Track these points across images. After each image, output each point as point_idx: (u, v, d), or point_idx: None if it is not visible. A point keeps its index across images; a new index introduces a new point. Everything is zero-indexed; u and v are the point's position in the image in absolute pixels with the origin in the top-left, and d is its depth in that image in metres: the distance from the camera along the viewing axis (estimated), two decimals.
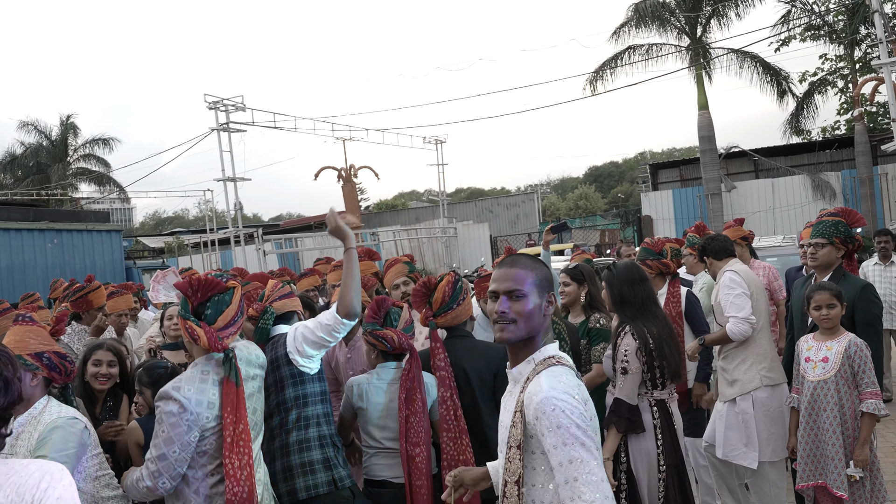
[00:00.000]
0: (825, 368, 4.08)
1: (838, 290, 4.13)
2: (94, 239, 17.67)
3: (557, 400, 2.00)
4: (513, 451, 2.08)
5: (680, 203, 26.03)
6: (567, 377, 2.09)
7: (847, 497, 3.96)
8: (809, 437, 4.14)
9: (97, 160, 36.03)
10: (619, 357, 3.69)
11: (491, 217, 36.08)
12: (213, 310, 3.05)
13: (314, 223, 35.19)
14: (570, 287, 4.76)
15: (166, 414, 2.90)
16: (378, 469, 3.57)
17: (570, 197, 63.58)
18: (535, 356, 2.20)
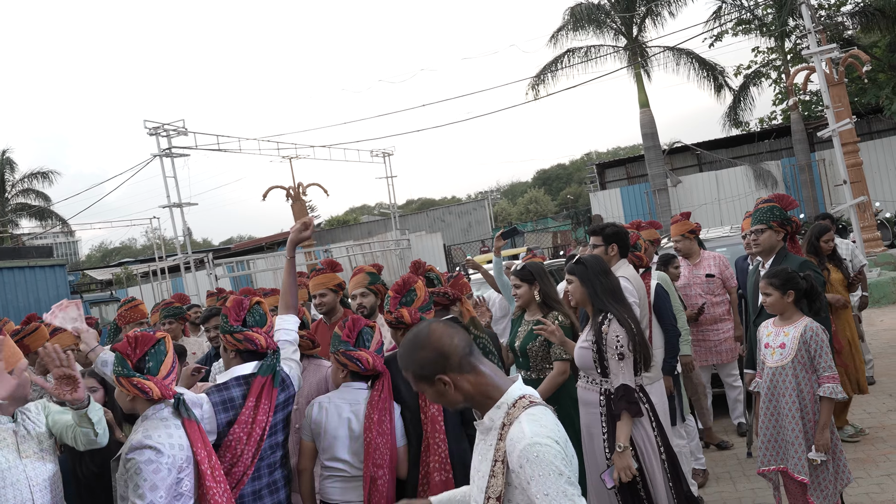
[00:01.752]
0: (783, 354, 4.13)
1: (778, 279, 4.18)
2: (36, 275, 17.18)
3: (541, 446, 1.95)
4: (491, 501, 2.03)
5: (628, 200, 26.44)
6: (546, 418, 2.05)
7: (808, 481, 4.00)
8: (770, 421, 4.19)
9: (37, 194, 35.10)
10: (612, 344, 3.67)
11: (443, 226, 36.13)
12: (154, 361, 3.09)
13: (265, 244, 34.79)
14: (522, 288, 4.75)
15: (144, 463, 2.87)
16: (332, 492, 3.48)
17: (521, 201, 64.06)
18: (503, 399, 2.12)
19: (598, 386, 3.81)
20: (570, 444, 2.07)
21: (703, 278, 6.51)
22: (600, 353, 3.73)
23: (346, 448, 3.47)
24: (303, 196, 21.88)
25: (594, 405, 3.84)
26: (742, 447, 6.28)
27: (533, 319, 4.63)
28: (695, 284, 6.51)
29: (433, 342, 2.13)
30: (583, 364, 3.88)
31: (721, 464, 6.06)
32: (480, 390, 2.13)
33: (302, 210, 21.92)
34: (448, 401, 2.15)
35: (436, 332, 2.15)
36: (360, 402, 3.54)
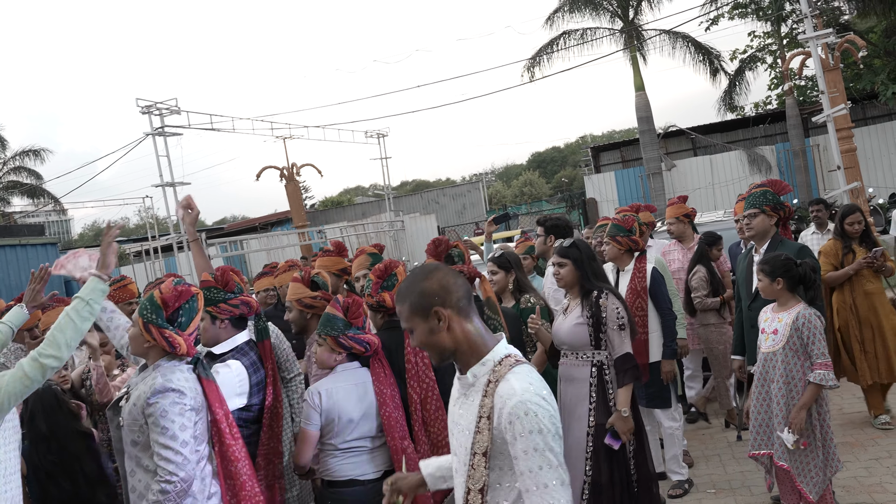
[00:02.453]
0: (775, 340, 4.16)
1: (769, 265, 4.21)
2: (28, 253, 17.14)
3: (532, 404, 1.95)
4: (477, 457, 2.03)
5: (623, 184, 26.42)
6: (534, 376, 2.05)
7: (789, 468, 4.04)
8: (761, 406, 4.24)
9: (28, 172, 34.86)
10: (612, 317, 3.90)
11: (438, 208, 36.07)
12: (186, 317, 3.15)
13: (259, 224, 34.73)
14: (498, 275, 4.80)
15: (170, 405, 2.96)
16: (344, 469, 3.49)
17: (515, 184, 64.07)
18: (489, 357, 2.11)
19: (590, 360, 3.97)
20: (555, 401, 2.08)
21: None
22: (596, 327, 3.91)
23: (363, 427, 3.51)
24: (296, 176, 21.79)
25: (583, 379, 3.97)
26: (732, 431, 6.34)
27: (507, 306, 4.68)
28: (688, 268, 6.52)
29: (438, 276, 2.12)
30: (576, 340, 4.00)
31: (711, 446, 6.12)
32: (470, 339, 2.11)
33: (296, 191, 21.85)
34: (436, 343, 2.11)
35: (442, 269, 2.15)
36: (366, 381, 3.59)
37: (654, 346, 5.13)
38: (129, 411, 3.04)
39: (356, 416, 3.50)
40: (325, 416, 3.47)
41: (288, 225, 28.98)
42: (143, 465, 3.05)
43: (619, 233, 5.24)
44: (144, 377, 3.11)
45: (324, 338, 3.59)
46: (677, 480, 5.24)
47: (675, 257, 6.63)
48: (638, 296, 5.06)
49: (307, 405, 3.50)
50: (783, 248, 4.75)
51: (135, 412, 3.00)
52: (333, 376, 3.58)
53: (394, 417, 3.53)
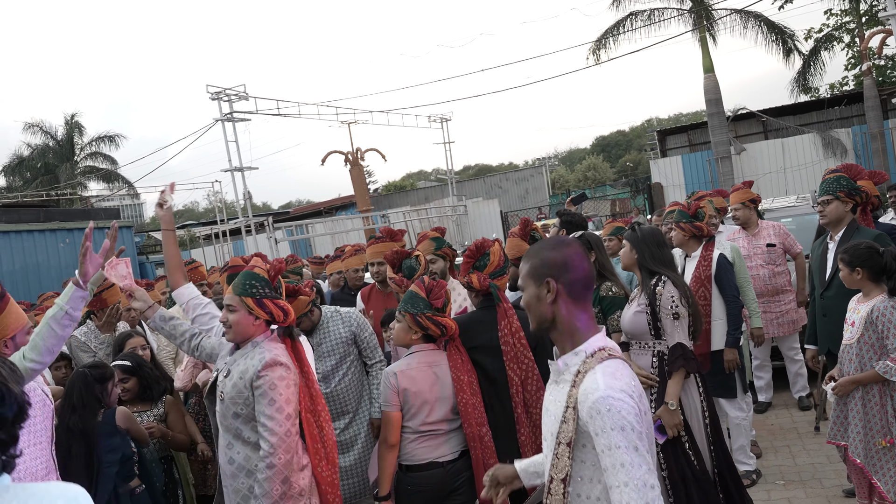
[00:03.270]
0: (852, 332, 4.04)
1: (848, 254, 4.04)
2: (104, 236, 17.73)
3: (615, 400, 1.92)
4: (562, 447, 2.02)
5: (690, 168, 25.83)
6: (623, 372, 2.02)
7: (863, 465, 3.91)
8: (840, 398, 4.09)
9: (104, 157, 36.11)
10: (666, 305, 3.77)
11: (500, 193, 35.96)
12: (280, 289, 3.40)
13: (324, 209, 35.21)
14: None
15: (278, 378, 3.14)
16: (422, 452, 3.51)
17: (579, 168, 63.30)
18: (583, 347, 2.09)
19: (651, 349, 3.89)
20: (645, 400, 2.05)
21: (763, 248, 6.36)
22: (654, 315, 3.81)
23: (438, 410, 3.54)
24: (360, 161, 22.01)
25: (644, 368, 3.90)
26: (803, 421, 6.19)
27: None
28: (755, 255, 6.37)
29: (566, 252, 2.13)
30: (636, 329, 3.93)
31: (780, 437, 5.99)
32: (571, 322, 2.11)
33: (360, 175, 22.08)
34: (539, 310, 2.14)
35: (573, 247, 2.15)
36: (441, 362, 3.62)
37: (717, 335, 5.03)
38: (233, 385, 3.19)
39: (431, 397, 3.51)
40: (402, 398, 3.50)
41: (352, 209, 29.31)
42: (243, 437, 3.20)
43: (683, 219, 5.19)
44: (245, 354, 3.26)
45: (403, 314, 3.62)
46: (745, 471, 5.14)
47: (740, 245, 6.46)
48: (702, 284, 4.98)
49: (385, 387, 3.53)
50: (859, 235, 4.60)
51: (240, 385, 3.16)
52: (407, 358, 3.62)
53: (471, 404, 3.54)
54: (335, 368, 4.34)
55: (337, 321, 4.41)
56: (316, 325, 4.37)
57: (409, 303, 3.60)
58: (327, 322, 4.39)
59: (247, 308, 3.21)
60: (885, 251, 3.99)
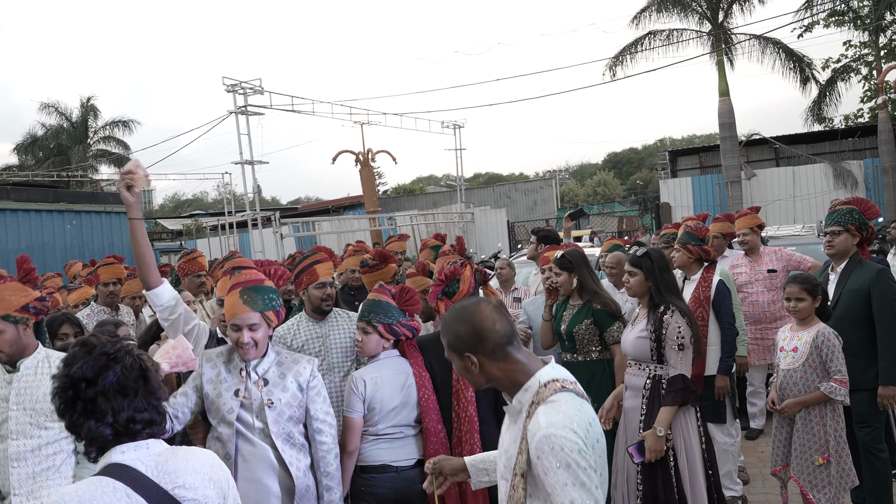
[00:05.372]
0: (794, 357, 4.26)
1: (811, 284, 4.25)
2: (112, 220, 17.80)
3: (556, 437, 1.95)
4: (517, 478, 2.05)
5: (699, 190, 25.83)
6: (566, 406, 2.03)
7: (799, 481, 4.17)
8: (780, 423, 4.37)
9: (117, 142, 36.28)
10: (672, 335, 3.82)
11: (509, 203, 35.96)
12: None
13: (332, 207, 35.27)
14: (562, 277, 4.75)
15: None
16: (377, 454, 3.58)
17: (589, 183, 63.29)
18: (530, 384, 2.13)
19: (648, 371, 3.95)
20: (596, 428, 2.06)
21: (764, 274, 6.36)
22: (658, 341, 3.85)
23: (402, 415, 3.61)
24: (371, 162, 22.04)
25: (639, 389, 3.96)
26: None
27: (577, 304, 4.66)
28: (756, 281, 6.37)
29: (475, 322, 2.15)
30: (638, 353, 3.98)
31: (770, 465, 5.97)
32: (510, 377, 2.15)
33: (370, 176, 22.11)
34: (472, 378, 2.20)
35: (481, 313, 2.16)
36: (407, 370, 3.68)
37: (710, 360, 5.06)
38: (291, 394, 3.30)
39: (397, 403, 3.58)
40: (368, 405, 3.55)
41: (360, 209, 29.38)
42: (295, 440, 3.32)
43: (691, 241, 5.17)
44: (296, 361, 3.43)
45: (374, 325, 3.65)
46: (731, 496, 5.15)
47: (742, 270, 6.47)
48: (700, 305, 4.99)
49: (350, 393, 3.58)
50: (861, 268, 4.64)
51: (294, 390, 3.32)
52: (377, 364, 3.67)
53: (431, 399, 3.65)
54: (339, 363, 4.35)
55: (344, 318, 4.47)
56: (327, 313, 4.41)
57: (382, 313, 3.66)
58: (337, 316, 4.45)
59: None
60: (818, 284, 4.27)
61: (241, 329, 3.20)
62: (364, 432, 3.58)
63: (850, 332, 4.40)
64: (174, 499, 1.92)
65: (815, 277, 4.32)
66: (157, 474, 1.93)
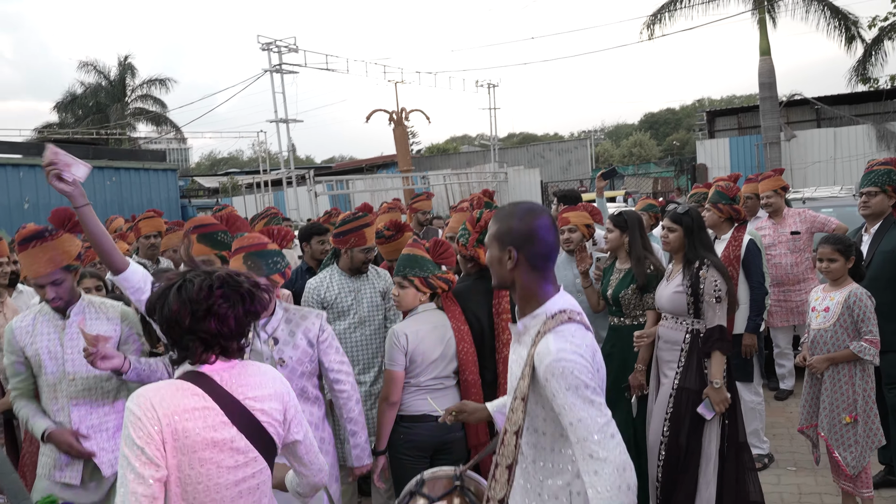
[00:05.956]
0: (825, 317, 4.27)
1: (844, 244, 4.23)
2: (150, 177, 18.10)
3: (566, 362, 2.02)
4: (517, 402, 2.11)
5: (737, 152, 25.41)
6: (575, 335, 2.10)
7: (827, 438, 4.22)
8: (809, 382, 4.40)
9: (154, 100, 36.63)
10: (710, 289, 3.91)
11: (542, 163, 35.73)
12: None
13: (365, 166, 35.35)
14: (613, 234, 4.71)
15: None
16: (418, 405, 3.66)
17: (625, 144, 62.48)
18: (541, 310, 2.19)
19: (686, 326, 4.04)
20: (598, 357, 2.15)
21: (788, 236, 6.31)
22: (696, 296, 3.95)
23: (441, 367, 3.69)
24: (405, 121, 22.03)
25: (677, 342, 4.05)
26: None
27: (624, 268, 4.65)
28: (780, 243, 6.32)
29: (534, 225, 2.19)
30: (675, 307, 4.07)
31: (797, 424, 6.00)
32: (529, 288, 2.22)
33: (403, 135, 22.11)
34: (500, 273, 2.25)
35: (543, 220, 2.21)
36: (445, 323, 3.75)
37: (739, 319, 5.08)
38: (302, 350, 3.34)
39: (437, 356, 3.66)
40: (410, 357, 3.62)
41: (393, 168, 29.41)
42: (309, 395, 3.39)
43: (722, 200, 5.16)
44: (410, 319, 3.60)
45: (410, 279, 3.70)
46: (757, 454, 5.19)
47: (766, 232, 6.40)
48: (730, 264, 5.00)
49: (391, 346, 3.65)
50: (895, 230, 4.60)
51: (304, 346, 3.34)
52: (417, 317, 3.72)
53: (469, 352, 3.73)
54: (370, 317, 4.45)
55: (374, 273, 4.56)
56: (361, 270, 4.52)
57: (417, 267, 3.70)
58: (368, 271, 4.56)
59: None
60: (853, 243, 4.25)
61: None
62: (405, 384, 3.66)
63: (883, 293, 4.39)
64: (245, 408, 2.10)
65: (848, 238, 4.30)
66: (231, 385, 2.11)
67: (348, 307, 4.38)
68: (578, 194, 6.61)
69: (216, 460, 2.05)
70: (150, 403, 1.98)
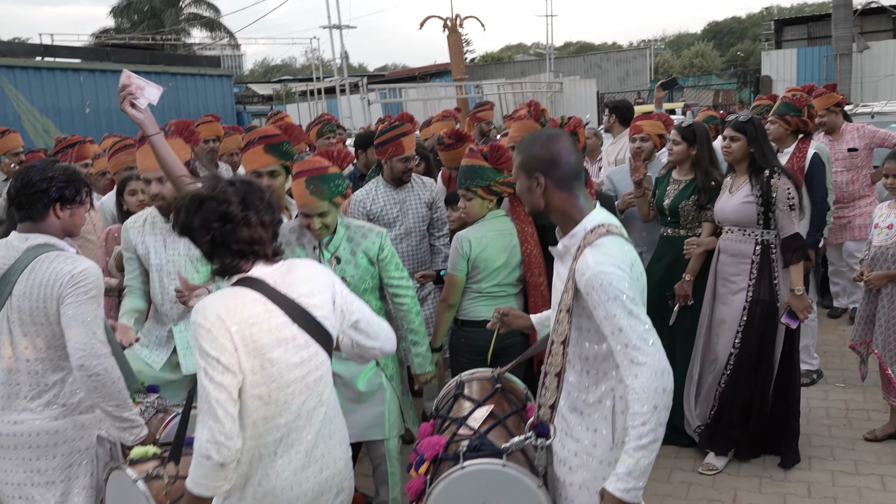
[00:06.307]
0: (888, 235, 4.23)
1: None
2: (206, 83, 18.19)
3: (605, 274, 2.11)
4: (562, 314, 2.22)
5: (804, 63, 24.38)
6: (612, 247, 2.18)
7: (880, 355, 4.24)
8: (866, 298, 4.40)
9: (207, 5, 36.50)
10: (783, 197, 3.91)
11: (599, 73, 34.79)
12: None
13: (418, 74, 34.92)
14: (680, 146, 4.54)
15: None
16: (479, 311, 3.71)
17: (686, 54, 60.33)
18: (578, 229, 2.27)
19: (755, 237, 4.03)
20: (638, 267, 2.24)
21: (845, 153, 6.10)
22: (766, 206, 3.94)
23: (503, 272, 3.72)
24: (459, 28, 21.54)
25: (745, 255, 4.06)
26: None
27: (684, 179, 4.53)
28: (836, 160, 6.08)
29: (554, 148, 2.28)
30: (743, 218, 4.04)
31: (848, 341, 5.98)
32: (566, 210, 2.30)
33: (457, 43, 21.65)
34: (531, 200, 2.33)
35: (561, 142, 2.31)
36: (511, 229, 3.76)
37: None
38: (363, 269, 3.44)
39: (501, 263, 3.69)
40: (472, 263, 3.66)
41: (446, 77, 28.98)
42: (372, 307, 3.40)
43: (790, 112, 5.01)
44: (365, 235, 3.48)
45: (473, 190, 3.70)
46: (806, 370, 5.20)
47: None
48: (794, 175, 4.87)
49: (455, 251, 3.69)
50: None
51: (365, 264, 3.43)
52: (482, 224, 3.73)
53: (533, 254, 3.73)
54: (416, 227, 4.53)
55: (419, 184, 4.59)
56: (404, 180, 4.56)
57: (478, 177, 3.68)
58: (413, 182, 4.59)
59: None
60: None
61: (311, 217, 3.30)
62: (467, 289, 3.73)
63: None
64: (300, 306, 2.22)
65: None
66: (283, 286, 2.22)
67: (394, 219, 4.44)
68: (631, 105, 6.50)
69: (284, 358, 2.17)
70: (217, 315, 2.10)
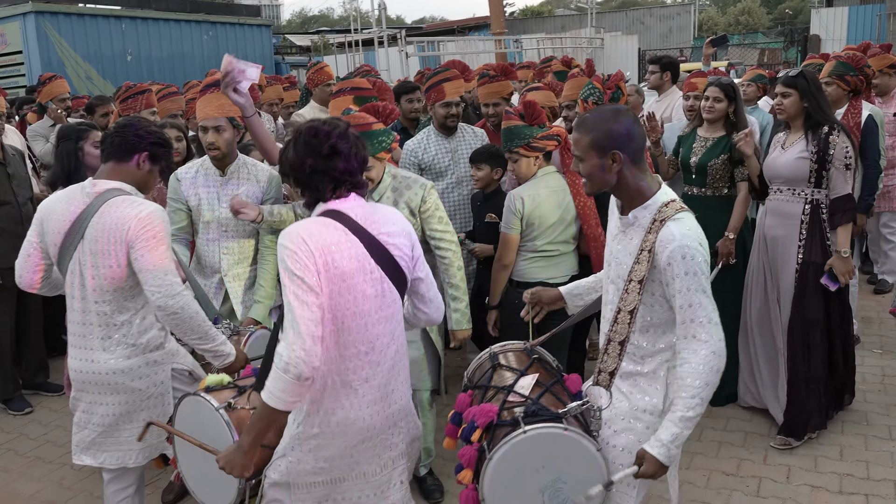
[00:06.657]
0: None
1: None
2: (245, 33, 18.23)
3: (689, 248, 2.16)
4: (633, 284, 2.26)
5: (855, 22, 23.64)
6: (693, 225, 2.22)
7: None
8: None
9: None
10: (840, 155, 3.79)
11: (642, 29, 34.07)
12: None
13: (457, 27, 34.50)
14: (721, 104, 4.43)
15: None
16: (533, 272, 3.73)
17: (731, 11, 58.68)
18: (652, 201, 2.28)
19: (805, 196, 3.93)
20: (706, 246, 2.25)
21: (891, 118, 5.88)
22: (821, 163, 3.81)
23: (558, 229, 3.71)
24: None
25: (794, 216, 3.96)
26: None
27: (714, 136, 4.44)
28: (884, 123, 5.93)
29: (626, 122, 2.27)
30: (794, 175, 3.93)
31: (888, 307, 5.93)
32: (638, 184, 2.30)
33: None
34: (601, 178, 2.30)
35: (629, 115, 2.31)
36: (563, 185, 3.74)
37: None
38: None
39: (555, 220, 3.68)
40: (526, 221, 3.65)
41: (485, 31, 28.62)
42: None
43: (848, 71, 4.81)
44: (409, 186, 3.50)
45: (515, 151, 3.68)
46: None
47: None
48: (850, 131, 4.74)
49: (508, 210, 3.69)
50: None
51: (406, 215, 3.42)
52: (535, 181, 3.71)
53: (588, 206, 3.73)
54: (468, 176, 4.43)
55: (470, 133, 4.65)
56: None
57: (517, 137, 3.66)
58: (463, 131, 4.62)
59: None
60: None
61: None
62: (521, 248, 3.72)
63: None
64: (379, 242, 2.30)
65: None
66: (365, 221, 2.30)
67: (445, 167, 4.44)
68: (678, 62, 6.35)
69: (361, 288, 2.25)
70: (301, 238, 2.18)
